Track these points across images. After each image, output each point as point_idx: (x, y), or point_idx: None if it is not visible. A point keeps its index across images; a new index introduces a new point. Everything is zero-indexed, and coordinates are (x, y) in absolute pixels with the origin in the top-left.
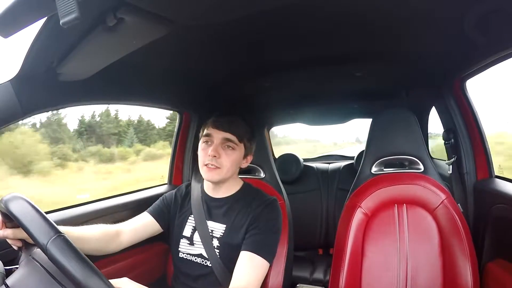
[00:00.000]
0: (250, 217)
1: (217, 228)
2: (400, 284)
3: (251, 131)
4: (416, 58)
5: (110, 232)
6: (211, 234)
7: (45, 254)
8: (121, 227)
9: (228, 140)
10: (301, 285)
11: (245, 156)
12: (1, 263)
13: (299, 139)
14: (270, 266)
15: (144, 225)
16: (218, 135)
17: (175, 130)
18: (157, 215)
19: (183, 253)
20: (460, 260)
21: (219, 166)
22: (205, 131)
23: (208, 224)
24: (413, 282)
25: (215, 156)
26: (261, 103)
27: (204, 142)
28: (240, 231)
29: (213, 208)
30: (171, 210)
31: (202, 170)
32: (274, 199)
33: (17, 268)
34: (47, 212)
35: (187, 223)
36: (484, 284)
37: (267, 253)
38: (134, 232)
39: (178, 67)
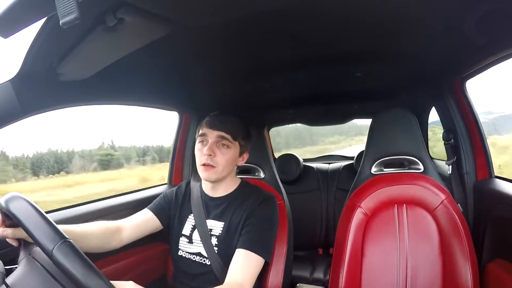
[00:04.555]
0: (246, 213)
1: (216, 227)
2: (400, 284)
3: (245, 129)
4: (416, 58)
5: (111, 229)
6: (210, 232)
7: (50, 259)
8: (122, 223)
9: (222, 138)
10: (301, 284)
11: (240, 154)
12: (1, 263)
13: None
14: (270, 265)
15: (144, 221)
16: (213, 134)
17: (175, 130)
18: (157, 212)
19: (182, 251)
20: (460, 260)
21: (215, 165)
22: (200, 131)
23: (207, 223)
24: (412, 282)
25: (210, 155)
26: (260, 103)
27: (199, 142)
28: (237, 228)
29: (212, 207)
30: (171, 208)
31: (199, 170)
32: (271, 196)
33: (17, 267)
34: (47, 212)
35: (187, 222)
36: (484, 284)
37: (262, 250)
38: (134, 228)
39: (178, 67)
